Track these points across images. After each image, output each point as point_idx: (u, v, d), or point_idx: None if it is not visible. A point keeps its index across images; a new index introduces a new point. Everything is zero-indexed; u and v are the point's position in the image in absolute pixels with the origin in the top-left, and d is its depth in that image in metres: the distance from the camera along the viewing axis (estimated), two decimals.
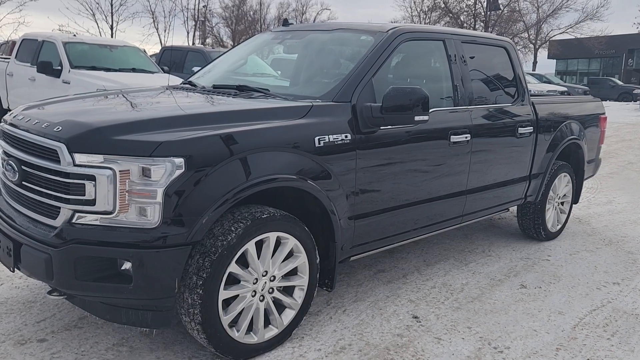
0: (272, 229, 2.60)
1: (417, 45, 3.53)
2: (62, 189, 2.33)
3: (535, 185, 4.56)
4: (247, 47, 4.24)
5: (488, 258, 4.41)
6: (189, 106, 2.97)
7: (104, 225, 2.30)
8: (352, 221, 3.00)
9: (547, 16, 37.54)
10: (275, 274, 2.69)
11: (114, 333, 2.85)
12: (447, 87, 3.67)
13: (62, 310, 3.06)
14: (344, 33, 3.62)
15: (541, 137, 4.46)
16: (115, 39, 10.61)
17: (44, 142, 2.40)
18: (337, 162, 2.84)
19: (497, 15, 36.04)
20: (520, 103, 4.27)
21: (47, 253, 2.31)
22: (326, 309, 3.28)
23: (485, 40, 4.18)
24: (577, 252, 4.68)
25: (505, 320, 3.30)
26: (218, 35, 39.60)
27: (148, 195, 2.26)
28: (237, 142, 2.45)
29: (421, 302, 3.47)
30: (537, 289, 3.83)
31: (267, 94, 3.11)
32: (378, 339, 2.97)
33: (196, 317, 2.43)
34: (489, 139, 3.90)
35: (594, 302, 3.64)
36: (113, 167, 2.25)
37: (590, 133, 5.25)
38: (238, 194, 2.41)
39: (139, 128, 2.38)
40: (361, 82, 3.03)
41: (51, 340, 2.75)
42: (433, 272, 4.00)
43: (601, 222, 5.70)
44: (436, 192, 3.52)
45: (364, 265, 4.03)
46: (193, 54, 11.24)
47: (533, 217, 4.79)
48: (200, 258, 2.42)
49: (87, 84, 7.40)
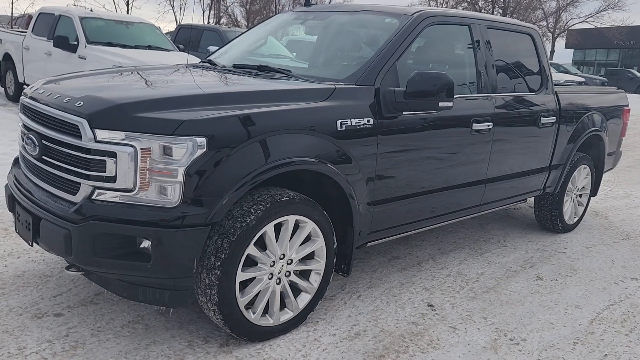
0: (291, 212, 2.57)
1: (442, 29, 3.46)
2: (83, 164, 2.31)
3: (554, 177, 4.49)
4: (268, 27, 4.17)
5: (503, 248, 4.37)
6: (211, 85, 2.93)
7: (123, 202, 2.29)
8: (371, 207, 2.97)
9: (567, 4, 36.85)
10: (292, 258, 2.67)
11: (130, 310, 2.86)
12: (470, 73, 3.60)
13: (78, 286, 3.07)
14: (368, 15, 3.54)
15: (563, 128, 4.38)
16: (131, 16, 10.54)
17: (65, 116, 2.38)
18: (358, 147, 2.80)
19: (516, 2, 35.42)
20: (544, 92, 4.19)
21: (66, 229, 2.30)
22: (341, 294, 3.27)
23: (511, 26, 4.08)
24: (594, 246, 4.62)
25: (521, 311, 3.27)
26: (232, 15, 39.31)
27: (169, 174, 2.24)
28: (259, 123, 2.41)
29: (436, 291, 3.45)
30: (554, 281, 3.78)
31: (289, 75, 3.06)
32: (393, 326, 2.96)
33: (213, 298, 2.42)
34: (511, 128, 3.83)
35: (612, 296, 3.60)
36: (134, 145, 2.22)
37: (612, 125, 5.15)
38: (258, 176, 2.38)
39: (161, 105, 2.35)
40: (385, 66, 2.97)
41: (67, 315, 2.76)
42: (448, 261, 3.97)
43: (618, 216, 5.62)
44: (455, 180, 3.47)
45: (379, 251, 4.00)
46: (209, 33, 11.14)
47: (550, 209, 4.73)
48: (218, 239, 2.40)
49: (103, 60, 7.37)
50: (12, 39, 9.82)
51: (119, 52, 7.74)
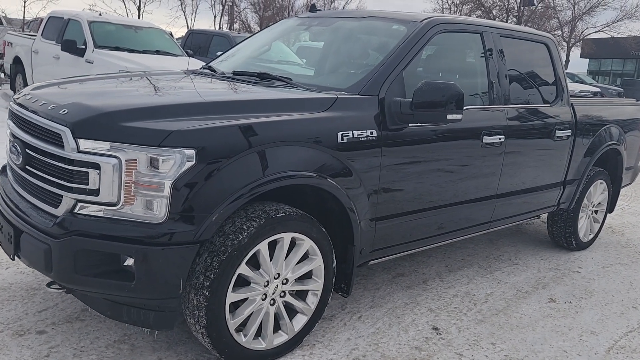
0: (287, 229, 2.41)
1: (453, 37, 3.29)
2: (65, 176, 2.17)
3: (569, 192, 4.29)
4: (272, 32, 4.04)
5: (515, 267, 4.17)
6: (205, 93, 2.78)
7: (107, 217, 2.15)
8: (374, 223, 2.80)
9: (583, 13, 36.40)
10: (288, 277, 2.51)
11: (116, 329, 2.71)
12: (482, 83, 3.43)
13: (65, 300, 2.93)
14: (375, 21, 3.39)
15: (579, 141, 4.18)
16: (140, 20, 10.51)
17: (48, 125, 2.25)
18: (360, 160, 2.64)
19: (531, 11, 35.09)
20: (559, 104, 4.00)
21: (46, 243, 2.16)
22: (340, 314, 3.10)
23: (525, 35, 3.90)
24: (611, 265, 4.41)
25: (532, 337, 3.07)
26: (245, 21, 39.42)
27: (155, 187, 2.10)
28: (253, 134, 2.26)
29: (442, 312, 3.26)
30: (568, 304, 3.58)
31: (289, 83, 2.91)
32: (395, 351, 2.78)
33: (201, 320, 2.27)
34: (524, 140, 3.65)
35: (630, 322, 3.39)
36: (119, 156, 2.09)
37: (631, 138, 4.94)
38: (252, 191, 2.23)
39: (149, 114, 2.21)
40: (391, 75, 2.81)
41: (51, 333, 2.62)
42: (455, 279, 3.79)
43: (636, 233, 5.40)
44: (464, 196, 3.29)
45: (383, 267, 3.83)
46: (218, 39, 11.08)
47: (565, 226, 4.52)
48: (208, 257, 2.25)
49: (110, 65, 7.30)
50: (22, 43, 9.81)
51: (126, 56, 7.67)
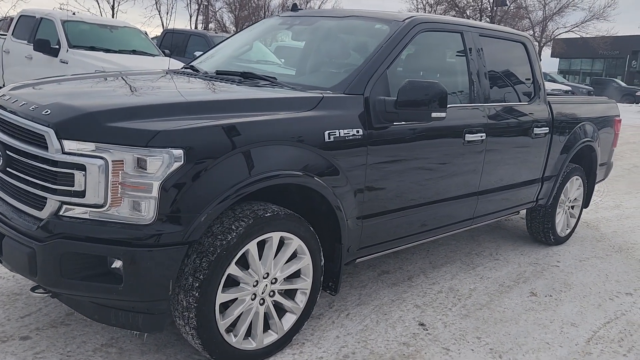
0: (275, 228, 2.41)
1: (434, 36, 3.33)
2: (50, 178, 2.13)
3: (547, 188, 4.38)
4: (253, 32, 4.02)
5: (496, 262, 4.24)
6: (190, 93, 2.77)
7: (93, 219, 2.11)
8: (360, 221, 2.82)
9: (554, 14, 37.18)
10: (277, 276, 2.51)
11: (103, 332, 2.67)
12: (463, 82, 3.48)
13: (48, 305, 2.88)
14: (357, 21, 3.41)
15: (556, 138, 4.28)
16: (115, 20, 10.34)
17: (30, 125, 2.20)
18: (347, 159, 2.65)
19: (504, 11, 35.68)
20: (537, 102, 4.08)
21: (30, 247, 2.12)
22: (328, 312, 3.11)
23: (504, 34, 3.97)
24: (587, 259, 4.52)
25: (516, 330, 3.13)
26: (221, 21, 39.10)
27: (143, 188, 2.07)
28: (241, 134, 2.26)
29: (428, 308, 3.30)
30: (548, 297, 3.66)
31: (274, 83, 2.91)
32: (383, 347, 2.80)
33: (191, 321, 2.25)
34: (504, 138, 3.72)
35: (607, 313, 3.48)
36: (105, 157, 2.06)
37: (604, 135, 5.07)
38: (240, 191, 2.22)
39: (134, 115, 2.18)
40: (375, 74, 2.83)
41: (35, 338, 2.57)
42: (439, 276, 3.83)
43: (610, 228, 5.54)
44: (447, 193, 3.34)
45: (368, 265, 3.85)
46: (195, 38, 10.98)
47: (543, 221, 4.62)
48: (197, 258, 2.23)
49: (85, 65, 7.18)
50: None
51: (102, 56, 7.56)
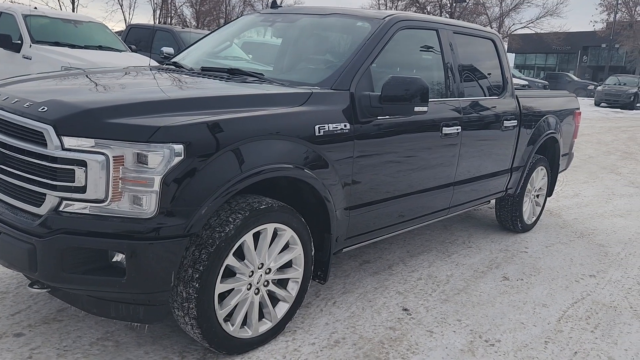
0: (270, 220, 2.50)
1: (412, 33, 3.47)
2: (49, 174, 2.15)
3: (515, 178, 4.61)
4: (233, 29, 4.07)
5: (469, 249, 4.44)
6: (183, 89, 2.81)
7: (94, 214, 2.15)
8: (348, 212, 2.94)
9: (510, 10, 38.30)
10: (271, 267, 2.60)
11: (97, 327, 2.70)
12: (439, 77, 3.64)
13: (37, 302, 2.88)
14: (339, 18, 3.50)
15: (523, 131, 4.50)
16: (79, 14, 10.08)
17: (26, 123, 2.21)
18: (335, 152, 2.76)
19: (462, 7, 36.49)
20: (506, 96, 4.29)
21: (30, 243, 2.14)
22: (316, 301, 3.22)
23: (475, 31, 4.16)
24: (553, 245, 4.78)
25: (492, 312, 3.32)
26: (182, 15, 38.49)
27: (144, 183, 2.12)
28: (239, 128, 2.33)
29: (409, 294, 3.45)
30: (519, 281, 3.88)
31: (262, 79, 2.98)
32: (371, 332, 2.93)
33: (191, 312, 2.32)
34: (477, 131, 3.90)
35: (574, 294, 3.72)
36: (106, 153, 2.09)
37: (565, 127, 5.35)
38: (240, 183, 2.30)
39: (133, 111, 2.22)
40: (360, 70, 2.95)
41: (29, 335, 2.57)
42: (418, 264, 4.00)
43: (571, 215, 5.85)
44: (428, 184, 3.49)
45: (349, 256, 3.98)
46: (162, 34, 10.82)
47: (511, 210, 4.85)
48: (196, 250, 2.30)
49: (50, 60, 7.02)
50: None
51: (67, 52, 7.40)
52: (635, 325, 3.32)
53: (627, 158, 10.26)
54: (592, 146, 11.61)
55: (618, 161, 9.79)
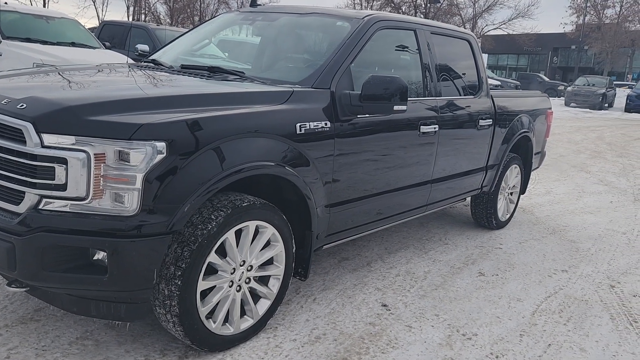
0: (252, 217, 2.51)
1: (391, 33, 3.52)
2: (28, 172, 2.13)
3: (490, 176, 4.71)
4: (212, 26, 4.06)
5: (445, 246, 4.52)
6: (164, 87, 2.80)
7: (74, 212, 2.13)
8: (328, 209, 2.97)
9: (483, 11, 38.93)
10: (252, 264, 2.62)
11: (76, 326, 2.67)
12: (416, 77, 3.70)
13: (13, 302, 2.83)
14: (319, 18, 3.53)
15: (498, 130, 4.60)
16: (51, 10, 9.88)
17: (4, 120, 2.18)
18: (316, 150, 2.79)
19: (437, 8, 36.93)
20: (481, 96, 4.38)
21: (9, 242, 2.11)
22: (296, 298, 3.25)
23: (451, 32, 4.24)
24: (526, 241, 4.90)
25: (469, 307, 3.40)
26: (156, 13, 38.00)
27: (126, 180, 2.12)
28: (221, 126, 2.34)
29: (388, 290, 3.51)
30: (495, 276, 3.97)
31: (243, 77, 2.99)
32: (351, 327, 2.97)
33: (173, 309, 2.32)
34: (453, 130, 3.97)
35: (547, 289, 3.83)
36: (87, 150, 2.08)
37: (539, 126, 5.48)
38: (222, 180, 2.31)
39: (114, 108, 2.21)
40: (340, 69, 2.98)
41: (6, 335, 2.53)
42: (395, 260, 4.06)
43: (543, 212, 6.00)
44: (406, 181, 3.55)
45: (328, 253, 4.01)
46: (136, 31, 10.69)
47: (485, 207, 4.96)
48: (178, 247, 2.30)
49: (21, 57, 6.87)
50: None
51: (39, 48, 7.25)
52: (605, 318, 3.43)
53: (596, 157, 10.55)
54: (563, 145, 11.89)
55: (587, 160, 10.06)
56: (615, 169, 9.23)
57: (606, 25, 39.42)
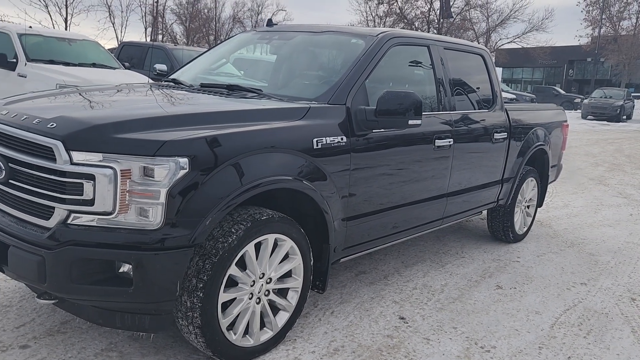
0: (271, 230, 2.58)
1: (404, 50, 3.59)
2: (58, 188, 2.22)
3: (506, 189, 4.72)
4: (229, 46, 4.18)
5: (462, 259, 4.53)
6: (186, 105, 2.90)
7: (101, 226, 2.22)
8: (345, 222, 3.02)
9: (496, 26, 38.93)
10: (271, 276, 2.67)
11: (101, 338, 2.74)
12: (431, 91, 3.75)
13: (41, 315, 2.92)
14: (333, 36, 3.63)
15: (513, 143, 4.62)
16: (73, 32, 10.18)
17: (36, 139, 2.28)
18: (333, 164, 2.85)
19: (450, 23, 37.05)
20: (496, 109, 4.42)
21: (39, 255, 2.20)
22: (314, 311, 3.28)
23: (464, 47, 4.30)
24: (544, 254, 4.88)
25: (487, 320, 3.40)
26: (172, 33, 38.77)
27: (150, 195, 2.20)
28: (241, 142, 2.42)
29: (405, 303, 3.53)
30: (512, 289, 3.96)
31: (261, 95, 3.08)
32: (369, 340, 3.00)
33: (195, 321, 2.38)
34: (468, 144, 4.01)
35: (567, 302, 3.81)
36: (114, 167, 2.17)
37: (554, 139, 5.49)
38: (242, 195, 2.38)
39: (139, 126, 2.31)
40: (355, 85, 3.05)
41: (34, 347, 2.61)
42: (412, 274, 4.08)
43: (561, 225, 5.96)
44: (422, 195, 3.58)
45: (345, 267, 4.05)
46: (154, 51, 10.95)
47: (502, 220, 4.96)
48: (200, 260, 2.37)
49: (45, 78, 7.09)
50: None
51: (62, 70, 7.47)
52: (626, 331, 3.41)
53: (615, 169, 10.45)
54: (580, 158, 11.81)
55: (606, 172, 9.97)
56: (635, 182, 9.14)
57: (623, 37, 39.12)
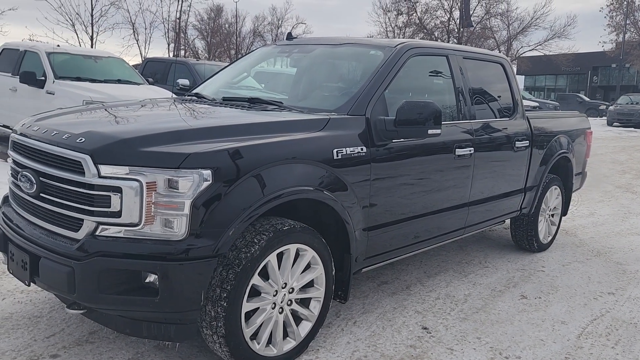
0: (292, 240, 2.61)
1: (423, 60, 3.61)
2: (87, 201, 2.29)
3: (529, 198, 4.68)
4: (250, 60, 4.25)
5: (485, 269, 4.49)
6: (209, 118, 2.97)
7: (128, 237, 2.28)
8: (366, 232, 3.03)
9: (517, 33, 38.63)
10: (294, 286, 2.70)
11: (128, 348, 2.80)
12: (450, 101, 3.76)
13: (70, 325, 2.99)
14: (353, 47, 3.67)
15: (535, 151, 4.59)
16: (99, 50, 10.47)
17: (65, 153, 2.37)
18: (353, 174, 2.88)
19: (470, 32, 36.90)
20: (517, 117, 4.40)
21: (69, 266, 2.27)
22: (336, 321, 3.29)
23: (484, 56, 4.30)
24: (569, 263, 4.81)
25: (512, 330, 3.36)
26: (194, 48, 39.48)
27: (175, 207, 2.25)
28: (263, 154, 2.47)
29: (428, 313, 3.51)
30: (537, 299, 3.91)
31: (282, 107, 3.13)
32: (392, 350, 2.99)
33: (219, 330, 2.41)
34: (489, 152, 3.99)
35: (594, 311, 3.74)
36: (140, 179, 2.23)
37: (578, 147, 5.42)
38: (264, 205, 2.42)
39: (164, 139, 2.37)
40: (374, 96, 3.08)
41: (64, 356, 2.68)
42: (435, 284, 4.06)
43: (587, 234, 5.87)
44: (443, 204, 3.58)
45: (367, 277, 4.05)
46: (177, 66, 11.18)
47: (526, 229, 4.90)
48: (223, 270, 2.41)
49: (72, 95, 7.28)
50: None
51: (88, 86, 7.67)
52: None
53: None
54: (607, 165, 11.59)
55: (633, 180, 9.77)
56: None
57: None
